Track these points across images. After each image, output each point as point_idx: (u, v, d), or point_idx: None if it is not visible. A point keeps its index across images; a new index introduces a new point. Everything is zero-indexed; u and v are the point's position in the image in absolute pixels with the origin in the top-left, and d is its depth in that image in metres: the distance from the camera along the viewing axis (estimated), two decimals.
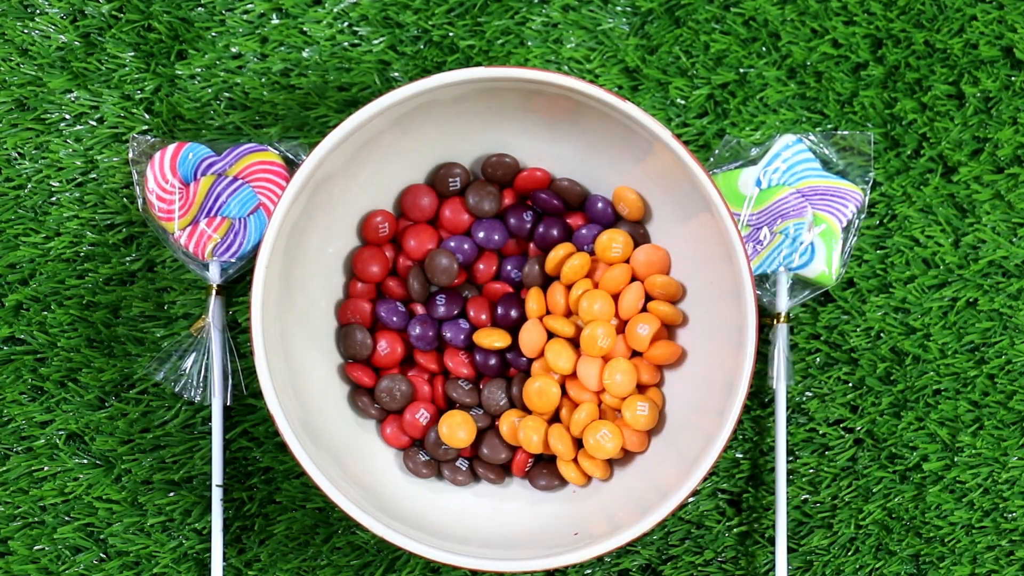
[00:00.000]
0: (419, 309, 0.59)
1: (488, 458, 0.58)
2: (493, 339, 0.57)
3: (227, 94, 0.62)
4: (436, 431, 0.57)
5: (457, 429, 0.57)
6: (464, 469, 0.58)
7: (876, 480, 0.60)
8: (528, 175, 0.58)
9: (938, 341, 0.61)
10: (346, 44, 0.62)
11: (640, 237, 0.58)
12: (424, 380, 0.58)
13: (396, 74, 0.62)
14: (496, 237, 0.59)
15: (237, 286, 0.61)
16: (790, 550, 0.60)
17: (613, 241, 0.57)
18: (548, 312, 0.58)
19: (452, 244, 0.58)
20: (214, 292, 0.59)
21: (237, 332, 0.61)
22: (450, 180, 0.58)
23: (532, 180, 0.58)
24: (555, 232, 0.58)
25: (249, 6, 0.62)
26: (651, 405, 0.56)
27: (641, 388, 0.58)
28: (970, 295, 0.61)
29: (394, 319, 0.58)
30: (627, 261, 0.58)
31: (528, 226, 0.59)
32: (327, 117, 0.61)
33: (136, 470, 0.60)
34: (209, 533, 0.60)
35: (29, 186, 0.61)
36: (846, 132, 0.61)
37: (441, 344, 0.58)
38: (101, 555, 0.60)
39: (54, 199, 0.61)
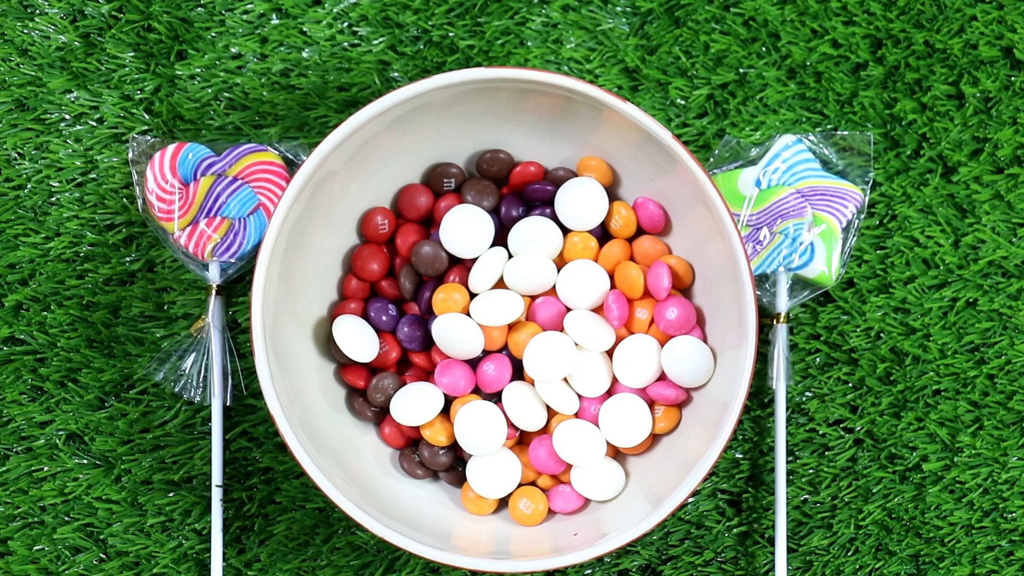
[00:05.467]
0: (415, 308, 0.58)
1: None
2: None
3: (227, 94, 0.62)
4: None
5: (438, 434, 0.56)
6: (459, 470, 0.58)
7: (876, 480, 0.60)
8: (522, 170, 0.58)
9: (938, 341, 0.61)
10: (346, 44, 0.62)
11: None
12: (421, 380, 0.58)
13: (396, 74, 0.62)
14: None
15: (237, 286, 0.61)
16: (790, 550, 0.60)
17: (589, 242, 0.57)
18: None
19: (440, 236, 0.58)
20: (214, 292, 0.59)
21: (237, 332, 0.61)
22: (445, 181, 0.58)
23: (526, 175, 0.58)
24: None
25: (249, 6, 0.62)
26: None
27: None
28: (970, 295, 0.61)
29: (383, 319, 0.57)
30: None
31: (520, 218, 0.58)
32: (327, 117, 0.61)
33: (136, 470, 0.60)
34: (209, 533, 0.60)
35: (29, 186, 0.61)
36: (846, 132, 0.61)
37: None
38: (101, 555, 0.60)
39: (54, 199, 0.61)
